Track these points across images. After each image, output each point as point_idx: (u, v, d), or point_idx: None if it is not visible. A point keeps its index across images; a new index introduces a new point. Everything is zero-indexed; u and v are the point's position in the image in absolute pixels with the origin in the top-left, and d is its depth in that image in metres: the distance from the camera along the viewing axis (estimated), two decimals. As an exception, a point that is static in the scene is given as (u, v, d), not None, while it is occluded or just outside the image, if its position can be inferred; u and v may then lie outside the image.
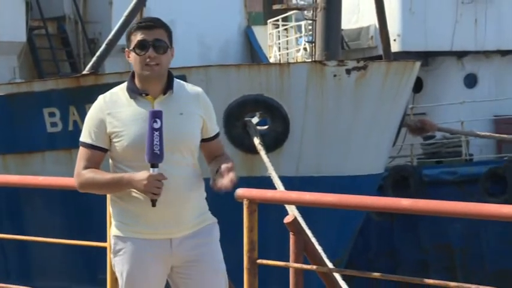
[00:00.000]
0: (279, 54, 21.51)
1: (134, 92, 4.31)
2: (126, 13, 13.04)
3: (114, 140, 4.28)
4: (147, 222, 4.27)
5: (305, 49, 20.27)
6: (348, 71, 12.74)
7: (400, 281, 5.29)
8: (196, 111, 4.37)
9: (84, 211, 12.88)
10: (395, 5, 19.23)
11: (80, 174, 4.33)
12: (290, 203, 5.89)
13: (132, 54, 4.31)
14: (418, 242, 17.22)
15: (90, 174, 4.29)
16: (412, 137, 17.67)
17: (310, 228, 5.66)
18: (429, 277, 15.88)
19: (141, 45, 4.28)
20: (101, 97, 4.38)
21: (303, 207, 5.47)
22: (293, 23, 22.03)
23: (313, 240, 5.74)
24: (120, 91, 4.36)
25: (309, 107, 12.63)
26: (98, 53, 13.30)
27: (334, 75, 12.77)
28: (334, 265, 5.94)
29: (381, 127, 13.42)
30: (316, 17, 14.14)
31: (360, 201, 5.22)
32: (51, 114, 13.45)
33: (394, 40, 17.94)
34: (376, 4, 13.92)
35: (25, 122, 13.51)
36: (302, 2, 20.37)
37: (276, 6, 21.97)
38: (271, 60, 20.46)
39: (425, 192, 16.67)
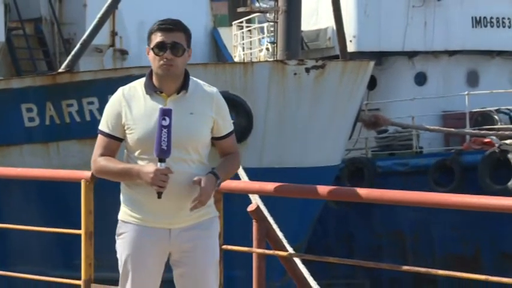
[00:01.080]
0: (243, 54, 21.49)
1: (150, 89, 4.29)
2: (99, 15, 12.97)
3: (127, 131, 4.27)
4: (150, 211, 4.26)
5: (267, 49, 20.28)
6: (307, 70, 12.75)
7: (356, 264, 5.31)
8: (208, 112, 4.32)
9: (59, 200, 12.79)
10: (351, 8, 19.26)
11: (95, 160, 4.35)
12: (253, 192, 5.86)
13: (151, 53, 4.28)
14: (373, 229, 17.28)
15: (104, 162, 4.30)
16: (367, 131, 17.76)
17: (272, 216, 5.64)
18: (382, 261, 15.98)
19: (160, 46, 4.25)
20: (120, 89, 4.37)
21: (265, 197, 5.44)
22: (256, 25, 22.04)
23: (275, 227, 5.72)
24: (138, 86, 4.35)
25: (271, 103, 12.64)
26: (72, 53, 13.22)
27: (295, 74, 12.77)
28: (294, 250, 5.92)
29: (338, 122, 13.46)
30: (277, 19, 14.14)
31: (318, 191, 5.21)
32: (29, 110, 13.35)
33: (350, 41, 17.97)
34: (334, 7, 13.95)
35: (4, 117, 13.40)
36: (264, 5, 20.35)
37: (240, 9, 21.91)
38: (236, 59, 20.43)
39: (379, 182, 16.71)
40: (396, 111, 18.47)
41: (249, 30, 21.98)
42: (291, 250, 5.76)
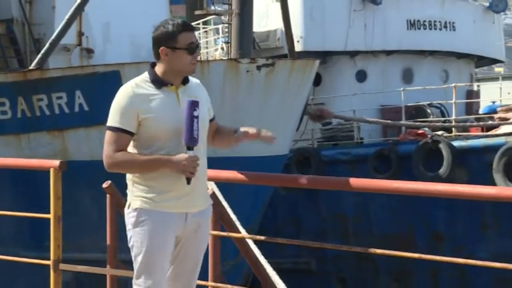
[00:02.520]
0: (200, 53, 21.45)
1: (159, 83, 4.18)
2: (67, 16, 12.87)
3: (148, 124, 4.14)
4: (171, 197, 4.18)
5: (222, 49, 20.25)
6: (259, 68, 12.76)
7: (302, 245, 5.33)
8: (205, 100, 4.34)
9: (30, 187, 12.67)
10: (298, 11, 19.31)
11: (112, 156, 4.16)
12: (209, 179, 5.87)
13: (181, 52, 4.16)
14: (318, 212, 17.35)
15: (126, 156, 4.15)
16: (313, 123, 17.83)
17: (226, 200, 5.65)
18: (327, 241, 16.10)
19: (192, 47, 4.18)
20: (127, 87, 4.22)
21: (220, 183, 5.44)
22: (212, 26, 22.00)
23: (229, 211, 5.73)
24: (142, 83, 4.22)
25: (225, 98, 12.62)
26: (42, 51, 13.10)
27: (247, 71, 12.77)
28: (247, 232, 5.92)
29: (286, 115, 13.49)
30: (231, 21, 14.12)
31: (269, 178, 5.23)
32: (1, 104, 13.21)
33: (298, 41, 18.02)
34: (282, 11, 13.97)
35: (-22, 111, 13.26)
36: (219, 8, 20.31)
37: (197, 12, 21.83)
38: (193, 58, 20.35)
39: (324, 170, 16.81)
40: (339, 106, 18.58)
41: (206, 31, 21.94)
42: (244, 232, 5.77)
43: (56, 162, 5.80)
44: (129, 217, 4.23)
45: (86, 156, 12.70)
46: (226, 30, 18.11)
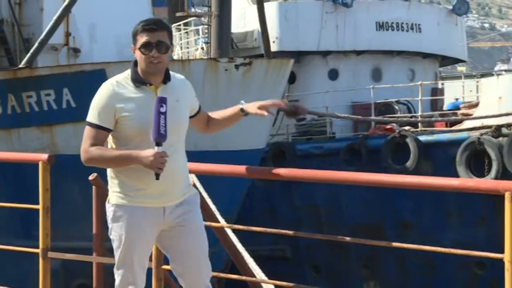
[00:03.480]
0: (181, 53, 21.39)
1: (139, 82, 4.11)
2: (54, 17, 12.81)
3: (123, 122, 4.07)
4: (146, 193, 4.11)
5: (202, 48, 20.21)
6: (237, 66, 12.75)
7: (278, 233, 5.33)
8: (187, 97, 4.25)
9: (20, 179, 12.60)
10: (273, 14, 19.32)
11: (88, 150, 4.11)
12: (190, 172, 5.86)
13: (138, 52, 4.13)
14: (292, 203, 17.37)
15: (99, 150, 4.07)
16: (288, 119, 17.83)
17: (206, 192, 5.64)
18: (301, 230, 16.10)
19: (146, 46, 4.09)
20: (108, 85, 4.16)
21: (201, 176, 5.44)
22: (192, 27, 21.94)
23: (209, 201, 5.72)
24: (123, 81, 4.15)
25: (205, 95, 12.59)
26: (31, 51, 13.03)
27: (226, 70, 12.76)
28: (226, 221, 5.92)
29: (263, 111, 13.47)
30: (211, 22, 14.09)
31: (246, 170, 5.22)
32: (-7, 101, 13.13)
33: (273, 42, 18.02)
34: (259, 13, 13.97)
35: (-30, 107, 13.15)
36: (200, 11, 20.29)
37: (178, 14, 21.80)
38: (175, 57, 20.30)
39: (298, 163, 16.81)
40: (312, 102, 18.59)
41: (186, 32, 21.87)
42: (222, 221, 5.76)
43: (45, 156, 5.76)
44: (109, 212, 4.20)
45: (74, 150, 12.55)
46: (206, 31, 18.08)
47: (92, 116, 4.12)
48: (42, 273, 5.82)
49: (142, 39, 4.11)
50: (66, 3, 12.85)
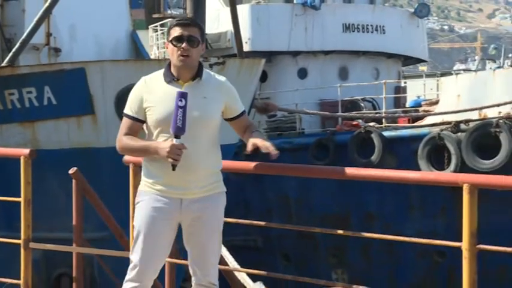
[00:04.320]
0: (158, 52, 21.30)
1: (168, 77, 4.13)
2: (36, 18, 12.67)
3: (148, 113, 4.10)
4: (166, 182, 4.11)
5: (178, 48, 20.12)
6: (211, 66, 12.69)
7: (250, 224, 5.32)
8: (219, 97, 4.20)
9: (2, 173, 12.46)
10: (246, 16, 19.31)
11: (119, 139, 4.16)
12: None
13: (170, 46, 4.12)
14: (265, 195, 17.37)
15: (127, 140, 4.13)
16: (259, 116, 17.82)
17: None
18: (272, 221, 16.10)
19: (178, 39, 4.09)
20: (142, 78, 4.22)
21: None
22: (168, 28, 21.83)
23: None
24: (158, 75, 4.19)
25: (181, 93, 12.53)
26: (13, 50, 12.87)
27: (205, 68, 12.71)
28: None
29: (236, 108, 13.44)
30: (186, 23, 14.01)
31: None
32: (-24, 98, 12.97)
33: (246, 42, 18.00)
34: (232, 15, 13.92)
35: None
36: (175, 12, 20.22)
37: (155, 15, 21.75)
38: (152, 56, 20.22)
39: (269, 157, 16.78)
40: (283, 100, 18.61)
41: (163, 33, 21.77)
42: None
43: (26, 151, 5.72)
44: (136, 196, 4.26)
45: (55, 145, 12.54)
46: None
47: (126, 107, 4.20)
48: (24, 263, 5.77)
49: (175, 32, 4.12)
50: (47, 4, 12.73)
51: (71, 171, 5.89)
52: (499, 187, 4.28)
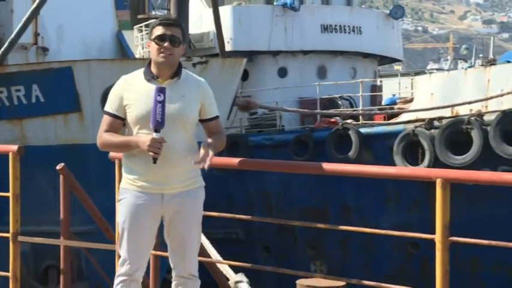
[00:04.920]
0: (143, 52, 21.22)
1: (148, 75, 4.12)
2: (24, 19, 12.58)
3: (128, 110, 4.09)
4: (147, 179, 4.10)
5: (162, 48, 20.07)
6: (194, 65, 12.66)
7: (233, 218, 5.31)
8: (196, 96, 4.19)
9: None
10: (228, 16, 19.28)
11: (100, 136, 4.15)
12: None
13: (152, 44, 4.11)
14: (246, 189, 17.37)
15: (107, 136, 4.12)
16: (241, 113, 17.82)
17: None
18: (253, 215, 16.10)
19: (161, 38, 4.08)
20: (123, 77, 4.21)
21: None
22: (153, 29, 21.75)
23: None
24: (138, 74, 4.18)
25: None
26: (2, 49, 12.76)
27: (184, 68, 12.67)
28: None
29: (218, 105, 13.40)
30: (170, 24, 13.97)
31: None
32: (-33, 96, 12.87)
33: (228, 42, 17.97)
34: (214, 16, 13.90)
35: None
36: (159, 13, 20.15)
37: (140, 16, 21.64)
38: (137, 56, 20.14)
39: (251, 153, 16.83)
40: (264, 98, 18.62)
41: (147, 33, 21.68)
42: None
43: (15, 147, 5.69)
44: (119, 193, 4.24)
45: (42, 141, 12.47)
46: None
47: (106, 105, 4.19)
48: (13, 255, 5.74)
49: (157, 32, 4.13)
50: (35, 5, 12.64)
51: (58, 167, 5.86)
52: (471, 182, 4.31)
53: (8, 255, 5.76)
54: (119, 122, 4.16)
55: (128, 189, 4.16)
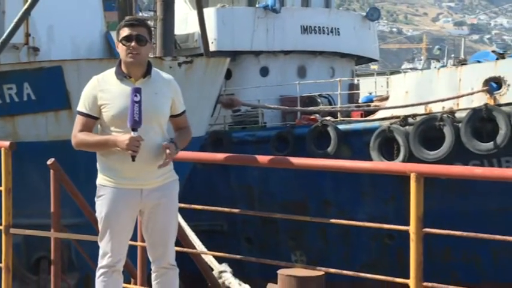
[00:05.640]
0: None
1: (120, 75, 4.07)
2: (15, 20, 12.50)
3: (103, 110, 4.04)
4: (125, 175, 4.06)
5: (149, 48, 19.99)
6: (180, 64, 12.64)
7: (216, 211, 5.31)
8: (168, 93, 4.17)
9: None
10: (212, 18, 19.24)
11: (75, 135, 4.09)
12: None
13: (120, 45, 4.07)
14: (229, 184, 17.37)
15: (83, 136, 4.06)
16: (225, 110, 17.80)
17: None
18: (236, 208, 16.12)
19: (127, 39, 4.05)
20: (94, 78, 4.14)
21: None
22: (140, 30, 21.64)
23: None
24: (109, 74, 4.12)
25: (151, 89, 12.44)
26: (-6, 49, 12.68)
27: (170, 67, 12.62)
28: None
29: (203, 103, 13.41)
30: (156, 25, 13.93)
31: (189, 156, 5.19)
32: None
33: (212, 43, 17.93)
34: (199, 17, 13.88)
35: None
36: (146, 15, 20.05)
37: (127, 18, 21.39)
38: (125, 55, 20.03)
39: (234, 149, 16.81)
40: (246, 96, 18.60)
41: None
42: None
43: (7, 143, 5.65)
44: (96, 191, 4.18)
45: (34, 138, 12.40)
46: (153, 33, 17.88)
47: (80, 105, 4.13)
48: (5, 247, 5.71)
49: (124, 32, 4.09)
50: (26, 6, 12.57)
51: (49, 162, 5.82)
52: (443, 176, 4.33)
53: (1, 247, 5.73)
54: (93, 122, 4.12)
55: (106, 186, 4.12)
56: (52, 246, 5.94)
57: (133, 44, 4.05)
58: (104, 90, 4.08)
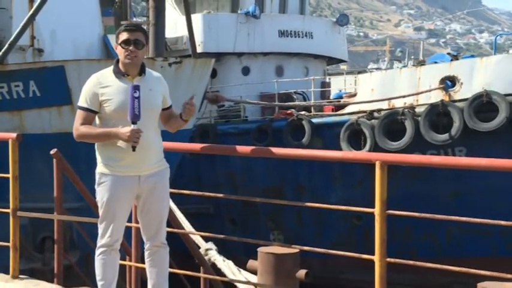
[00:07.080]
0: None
1: (118, 73, 4.07)
2: (21, 24, 12.40)
3: (105, 105, 4.01)
4: (124, 163, 4.05)
5: (142, 50, 19.87)
6: (170, 64, 12.60)
7: (203, 196, 5.30)
8: (160, 89, 4.18)
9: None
10: (199, 23, 19.18)
11: (77, 128, 4.05)
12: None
13: (119, 47, 4.07)
14: (215, 171, 17.36)
15: (86, 129, 4.02)
16: (210, 106, 17.76)
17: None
18: (221, 192, 16.06)
19: (126, 42, 4.04)
20: (94, 76, 4.11)
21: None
22: (134, 33, 21.50)
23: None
24: (107, 72, 4.10)
25: (145, 87, 12.37)
26: (3, 50, 12.56)
27: (161, 67, 12.57)
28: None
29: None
30: (149, 29, 13.86)
31: (179, 146, 5.17)
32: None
33: (199, 45, 17.88)
34: (187, 22, 13.83)
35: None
36: (140, 20, 19.93)
37: (123, 22, 21.29)
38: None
39: (219, 140, 16.80)
40: (230, 93, 18.57)
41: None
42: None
43: (14, 135, 5.62)
44: (96, 178, 4.15)
45: (39, 130, 12.31)
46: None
47: (81, 101, 4.10)
48: (13, 228, 5.68)
49: (123, 37, 4.08)
50: (31, 12, 12.46)
51: (52, 152, 5.79)
52: (404, 163, 4.35)
53: (9, 228, 5.69)
54: (93, 116, 4.10)
55: (107, 174, 4.10)
56: (55, 228, 5.91)
57: (131, 47, 4.06)
58: (104, 87, 4.07)
